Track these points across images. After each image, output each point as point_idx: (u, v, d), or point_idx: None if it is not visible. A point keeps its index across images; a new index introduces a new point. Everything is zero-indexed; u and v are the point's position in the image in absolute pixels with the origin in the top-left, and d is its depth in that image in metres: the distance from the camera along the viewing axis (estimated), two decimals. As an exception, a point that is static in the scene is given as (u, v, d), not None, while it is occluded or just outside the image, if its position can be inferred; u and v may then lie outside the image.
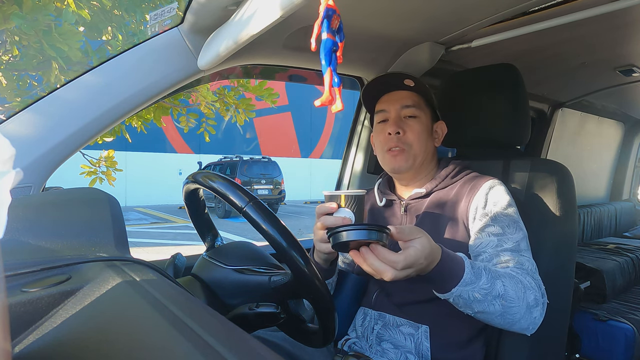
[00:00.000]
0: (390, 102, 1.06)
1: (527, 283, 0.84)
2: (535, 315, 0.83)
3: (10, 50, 2.24)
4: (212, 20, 1.03)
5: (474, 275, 0.78)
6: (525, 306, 0.81)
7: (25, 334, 0.43)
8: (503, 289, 0.80)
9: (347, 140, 1.73)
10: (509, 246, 0.90)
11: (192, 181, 0.77)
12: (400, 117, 1.04)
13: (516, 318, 0.81)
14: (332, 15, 0.57)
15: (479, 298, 0.78)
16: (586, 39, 1.45)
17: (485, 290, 0.78)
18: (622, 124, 3.13)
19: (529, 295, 0.82)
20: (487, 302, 0.79)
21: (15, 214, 0.37)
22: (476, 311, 0.80)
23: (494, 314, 0.80)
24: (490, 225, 0.93)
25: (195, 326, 0.36)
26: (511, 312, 0.81)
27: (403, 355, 0.94)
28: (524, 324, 0.82)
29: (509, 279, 0.82)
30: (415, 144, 1.03)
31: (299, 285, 0.70)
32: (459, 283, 0.77)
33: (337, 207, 0.83)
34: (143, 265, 0.55)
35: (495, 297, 0.79)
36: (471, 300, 0.79)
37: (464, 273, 0.77)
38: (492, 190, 0.98)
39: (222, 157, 13.35)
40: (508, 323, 0.82)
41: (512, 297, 0.80)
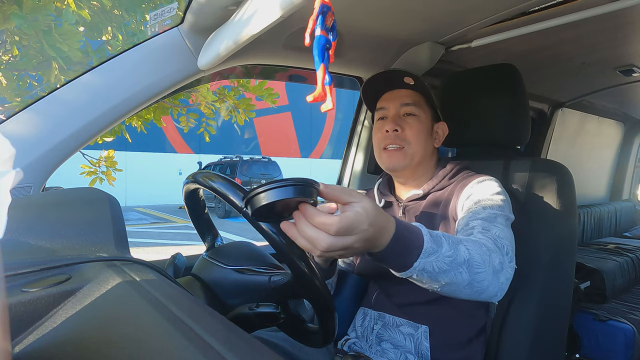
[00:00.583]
0: (390, 99, 1.06)
1: (491, 246, 0.77)
2: (501, 280, 0.76)
3: (10, 50, 2.23)
4: (212, 20, 1.03)
5: (435, 243, 0.68)
6: (492, 271, 0.74)
7: (25, 334, 0.43)
8: (467, 253, 0.72)
9: (347, 140, 1.73)
10: (482, 216, 0.87)
11: (192, 181, 0.77)
12: (399, 115, 1.04)
13: (484, 285, 0.73)
14: (326, 12, 0.57)
15: (444, 268, 0.69)
16: (586, 39, 1.45)
17: (450, 257, 0.69)
18: (622, 124, 3.13)
19: (494, 258, 0.75)
20: (454, 270, 0.70)
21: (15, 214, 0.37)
22: (443, 284, 0.70)
23: (462, 284, 0.71)
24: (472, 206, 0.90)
25: (195, 326, 0.36)
26: (478, 279, 0.72)
27: (403, 355, 0.94)
28: (492, 290, 0.75)
29: (472, 243, 0.74)
30: (413, 142, 1.02)
31: (299, 285, 0.70)
32: (420, 255, 0.66)
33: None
34: (143, 265, 0.55)
35: (461, 263, 0.70)
36: (436, 273, 0.68)
37: (423, 242, 0.66)
38: (481, 183, 0.96)
39: (222, 157, 13.35)
40: (476, 292, 0.74)
41: (478, 262, 0.72)
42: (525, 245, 1.04)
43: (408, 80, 1.02)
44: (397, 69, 1.05)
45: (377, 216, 0.60)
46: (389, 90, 1.07)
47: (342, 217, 0.56)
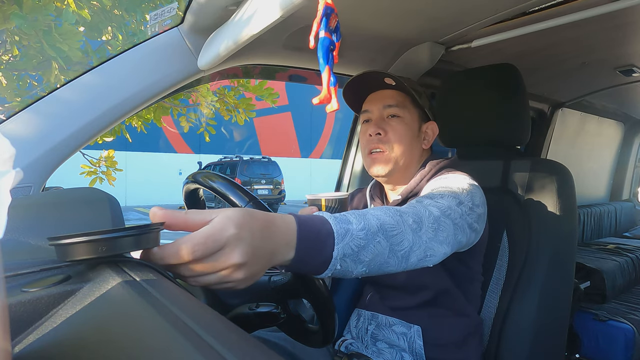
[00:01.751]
0: (373, 101, 1.03)
1: (404, 210, 0.71)
2: (424, 238, 0.69)
3: (10, 50, 2.24)
4: (212, 20, 1.03)
5: (343, 222, 0.60)
6: (410, 230, 0.67)
7: (25, 333, 0.43)
8: (376, 219, 0.64)
9: (347, 140, 1.73)
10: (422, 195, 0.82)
11: (192, 181, 0.77)
12: (382, 117, 1.01)
13: (406, 247, 0.66)
14: (330, 14, 0.57)
15: (362, 244, 0.60)
16: (586, 39, 1.45)
17: (363, 230, 0.61)
18: (622, 124, 3.13)
19: (406, 218, 0.68)
20: (372, 242, 0.62)
21: (15, 214, 0.37)
22: (367, 261, 0.62)
23: (384, 255, 0.64)
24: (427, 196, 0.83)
25: (195, 326, 0.36)
26: (397, 240, 0.65)
27: (398, 354, 0.94)
28: (418, 252, 0.68)
29: (379, 210, 0.68)
30: (396, 146, 0.99)
31: (299, 285, 0.71)
32: (335, 241, 0.57)
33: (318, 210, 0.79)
34: (143, 265, 0.55)
35: (375, 232, 0.62)
36: (356, 252, 0.60)
37: (332, 226, 0.58)
38: (445, 177, 0.91)
39: (222, 157, 13.35)
40: (402, 258, 0.67)
41: (390, 224, 0.65)
42: (525, 245, 1.04)
43: (389, 81, 0.99)
44: (375, 70, 1.01)
45: (247, 217, 0.49)
46: (372, 92, 1.05)
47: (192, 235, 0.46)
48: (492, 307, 1.05)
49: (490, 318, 1.04)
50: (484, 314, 1.06)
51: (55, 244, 0.50)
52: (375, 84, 1.03)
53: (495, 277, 1.06)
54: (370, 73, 1.01)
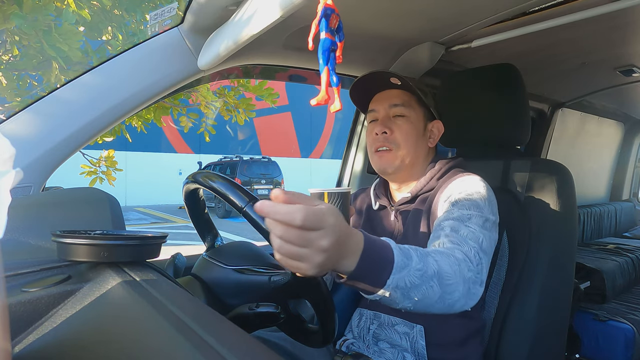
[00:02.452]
0: (379, 101, 1.05)
1: (460, 256, 0.74)
2: (473, 290, 0.73)
3: (10, 50, 2.23)
4: (212, 20, 1.03)
5: (405, 256, 0.65)
6: (463, 281, 0.71)
7: (25, 333, 0.43)
8: (436, 264, 0.68)
9: (347, 140, 1.73)
10: (455, 215, 0.84)
11: (192, 181, 0.77)
12: (388, 117, 1.02)
13: (455, 297, 0.70)
14: (330, 14, 0.57)
15: (416, 282, 0.64)
16: (586, 39, 1.45)
17: (420, 271, 0.65)
18: (622, 124, 3.13)
19: (463, 268, 0.72)
20: (426, 284, 0.66)
21: (15, 214, 0.37)
22: (415, 300, 0.66)
23: (433, 299, 0.67)
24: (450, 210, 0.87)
25: (195, 326, 0.36)
26: (449, 290, 0.69)
27: (400, 354, 0.94)
28: (464, 302, 0.72)
29: (440, 254, 0.71)
30: (402, 144, 1.00)
31: (299, 285, 0.71)
32: (392, 270, 0.62)
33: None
34: (143, 265, 0.55)
35: (431, 276, 0.67)
36: (409, 288, 0.64)
37: (394, 256, 0.63)
38: (463, 180, 0.93)
39: (222, 157, 13.35)
40: (448, 306, 0.70)
41: (448, 273, 0.69)
42: (525, 245, 1.04)
43: (394, 80, 1.00)
44: (383, 71, 1.02)
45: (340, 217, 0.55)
46: (379, 92, 1.06)
47: (308, 207, 0.50)
48: (492, 307, 1.05)
49: (490, 318, 1.04)
50: (484, 314, 1.06)
51: (57, 242, 0.50)
52: (381, 84, 1.04)
53: (495, 277, 1.06)
54: (376, 73, 1.02)
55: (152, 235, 0.54)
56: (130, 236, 0.53)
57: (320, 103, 0.57)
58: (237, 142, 16.19)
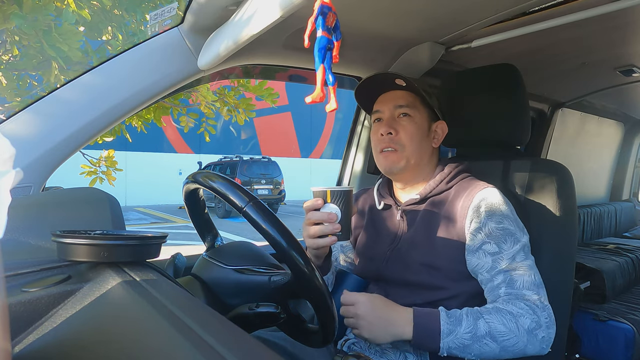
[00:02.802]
0: (384, 102, 1.05)
1: (517, 310, 0.84)
2: (542, 335, 0.83)
3: (10, 50, 2.23)
4: (212, 20, 1.03)
5: (452, 324, 0.83)
6: (525, 333, 0.82)
7: (25, 333, 0.43)
8: (487, 326, 0.82)
9: (347, 140, 1.73)
10: (503, 266, 0.90)
11: (192, 181, 0.77)
12: (393, 117, 1.03)
13: (520, 347, 0.82)
14: (327, 12, 0.56)
15: (467, 343, 0.82)
16: (586, 39, 1.45)
17: (470, 333, 0.82)
18: (622, 124, 3.13)
19: (523, 321, 0.83)
20: (478, 343, 0.82)
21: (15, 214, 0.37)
22: (474, 354, 0.83)
23: (494, 351, 0.82)
24: (486, 242, 0.92)
25: (195, 326, 0.36)
26: (510, 343, 0.82)
27: (402, 354, 0.94)
28: (533, 348, 0.83)
29: (495, 314, 0.84)
30: (408, 145, 1.00)
31: (299, 285, 0.70)
32: (440, 338, 0.82)
33: (323, 203, 0.86)
34: (143, 265, 0.55)
35: (482, 336, 0.82)
36: (463, 347, 0.82)
37: (440, 325, 0.82)
38: (486, 200, 0.95)
39: (222, 157, 13.34)
40: (517, 352, 0.83)
41: (502, 331, 0.82)
42: (525, 245, 1.04)
43: (399, 81, 1.01)
44: (388, 72, 1.03)
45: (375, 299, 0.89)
46: (384, 92, 1.06)
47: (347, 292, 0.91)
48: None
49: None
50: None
51: (57, 242, 0.50)
52: (386, 85, 1.04)
53: (495, 277, 1.06)
54: (381, 75, 1.03)
55: (152, 235, 0.54)
56: (130, 236, 0.53)
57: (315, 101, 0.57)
58: (237, 142, 16.19)
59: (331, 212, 0.85)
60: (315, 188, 0.89)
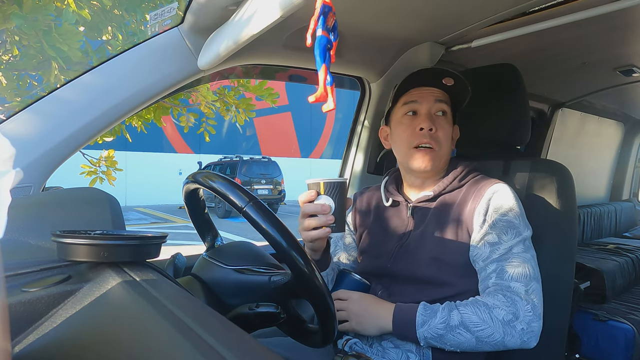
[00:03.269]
0: (424, 95, 0.99)
1: (494, 302, 0.85)
2: (520, 327, 0.83)
3: (10, 50, 2.23)
4: (212, 20, 1.03)
5: (427, 315, 0.87)
6: (500, 324, 0.83)
7: (25, 333, 0.43)
8: (459, 317, 0.85)
9: (347, 140, 1.73)
10: (496, 256, 0.90)
11: (192, 181, 0.77)
12: (431, 113, 0.99)
13: (497, 338, 0.84)
14: (328, 12, 0.56)
15: (441, 333, 0.85)
16: (586, 40, 1.45)
17: (443, 323, 0.85)
18: (622, 124, 3.13)
19: (497, 313, 0.84)
20: (452, 333, 0.85)
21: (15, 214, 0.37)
22: (451, 344, 0.86)
23: (470, 342, 0.85)
24: (489, 233, 0.92)
25: (195, 326, 0.36)
26: (485, 334, 0.84)
27: (404, 354, 0.94)
28: (513, 340, 0.84)
29: (470, 306, 0.87)
30: (444, 144, 0.99)
31: (299, 285, 0.70)
32: (416, 327, 0.87)
33: (317, 195, 0.87)
34: (143, 265, 0.55)
35: (455, 326, 0.85)
36: (438, 336, 0.86)
37: (415, 317, 0.87)
38: (495, 195, 0.95)
39: (222, 157, 13.34)
40: (495, 344, 0.84)
41: (475, 321, 0.84)
42: (525, 245, 1.04)
43: (447, 81, 0.97)
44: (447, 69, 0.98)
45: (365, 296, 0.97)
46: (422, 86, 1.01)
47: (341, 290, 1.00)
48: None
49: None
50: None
51: (57, 242, 0.50)
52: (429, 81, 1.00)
53: (495, 277, 1.06)
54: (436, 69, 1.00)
55: (152, 235, 0.54)
56: (130, 236, 0.53)
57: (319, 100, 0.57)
58: (237, 142, 16.19)
59: (325, 203, 0.85)
60: (310, 180, 0.89)
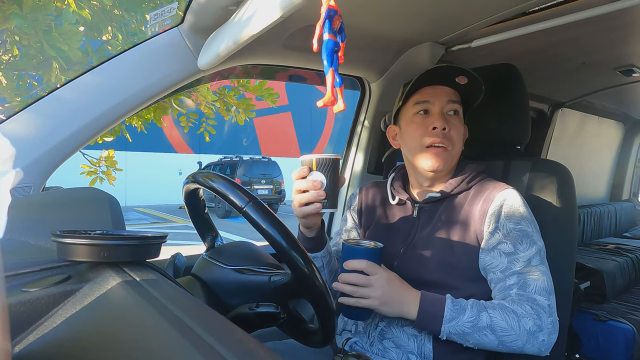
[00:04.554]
0: (436, 94, 0.98)
1: (522, 311, 0.85)
2: (542, 338, 0.84)
3: (10, 50, 2.23)
4: (212, 20, 1.03)
5: (456, 312, 0.85)
6: (526, 333, 0.84)
7: (25, 333, 0.43)
8: (489, 319, 0.84)
9: (347, 140, 1.73)
10: (518, 268, 0.89)
11: (192, 181, 0.77)
12: (443, 113, 0.98)
13: (519, 344, 0.84)
14: (333, 15, 0.57)
15: (467, 331, 0.84)
16: (586, 39, 1.45)
17: (471, 323, 0.84)
18: (622, 124, 3.13)
19: (525, 322, 0.84)
20: (477, 333, 0.84)
21: (15, 214, 0.37)
22: (473, 342, 0.86)
23: (492, 343, 0.85)
24: (503, 242, 0.91)
25: (195, 326, 0.36)
26: (509, 340, 0.84)
27: (405, 355, 0.94)
28: (532, 348, 0.85)
29: (499, 310, 0.85)
30: (457, 143, 0.98)
31: (299, 285, 0.70)
32: (442, 321, 0.85)
33: (309, 171, 0.88)
34: (143, 265, 0.55)
35: (482, 327, 0.84)
36: (463, 334, 0.85)
37: (444, 310, 0.85)
38: (506, 202, 0.94)
39: (222, 157, 13.34)
40: (514, 349, 0.85)
41: (502, 327, 0.84)
42: (525, 245, 1.04)
43: (461, 79, 0.96)
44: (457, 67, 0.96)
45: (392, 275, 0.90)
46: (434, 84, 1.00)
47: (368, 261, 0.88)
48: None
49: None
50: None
51: (57, 242, 0.50)
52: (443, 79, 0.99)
53: (495, 277, 1.06)
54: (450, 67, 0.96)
55: (152, 235, 0.54)
56: (130, 236, 0.53)
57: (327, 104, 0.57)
58: (237, 142, 16.19)
59: (316, 179, 0.86)
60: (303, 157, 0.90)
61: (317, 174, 0.87)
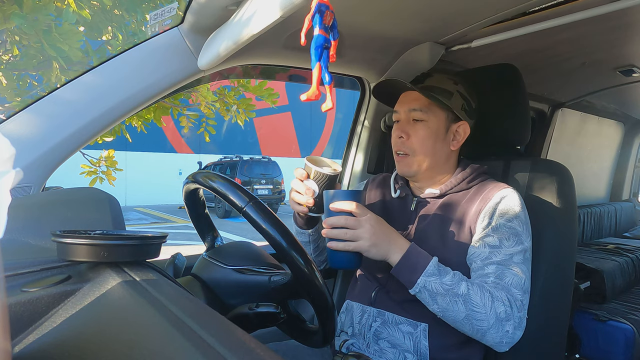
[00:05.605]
0: (401, 103, 1.06)
1: (498, 296, 0.86)
2: (507, 329, 0.84)
3: (10, 50, 2.23)
4: (212, 20, 1.03)
5: (439, 271, 0.86)
6: (495, 316, 0.84)
7: (25, 333, 0.43)
8: (466, 290, 0.85)
9: (347, 140, 1.73)
10: (498, 259, 0.90)
11: (192, 181, 0.77)
12: (408, 120, 1.03)
13: (484, 326, 0.84)
14: (324, 10, 0.56)
15: (441, 291, 0.84)
16: (586, 39, 1.45)
17: (448, 285, 0.85)
18: (622, 124, 3.13)
19: (497, 306, 0.84)
20: (450, 297, 0.84)
21: (15, 214, 0.37)
22: (440, 306, 0.85)
23: (458, 314, 0.84)
24: (490, 235, 0.93)
25: (195, 326, 0.36)
26: (477, 317, 0.84)
27: (401, 354, 0.94)
28: (495, 335, 0.85)
29: (477, 287, 0.86)
30: (418, 150, 1.01)
31: (299, 285, 0.71)
32: (422, 273, 0.85)
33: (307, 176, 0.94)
34: (143, 265, 0.55)
35: (457, 295, 0.84)
36: (436, 293, 0.85)
37: (428, 265, 0.86)
38: (503, 200, 0.96)
39: (222, 157, 13.34)
40: (477, 330, 0.85)
41: (476, 302, 0.84)
42: (525, 245, 1.04)
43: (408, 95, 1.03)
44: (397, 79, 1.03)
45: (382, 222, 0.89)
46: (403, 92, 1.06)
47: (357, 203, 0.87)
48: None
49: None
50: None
51: (57, 242, 0.50)
52: (403, 86, 1.04)
53: (495, 277, 1.06)
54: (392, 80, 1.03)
55: (152, 235, 0.54)
56: (130, 236, 0.53)
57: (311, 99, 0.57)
58: (237, 142, 16.19)
59: (309, 187, 0.93)
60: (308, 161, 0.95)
61: (313, 183, 0.92)
